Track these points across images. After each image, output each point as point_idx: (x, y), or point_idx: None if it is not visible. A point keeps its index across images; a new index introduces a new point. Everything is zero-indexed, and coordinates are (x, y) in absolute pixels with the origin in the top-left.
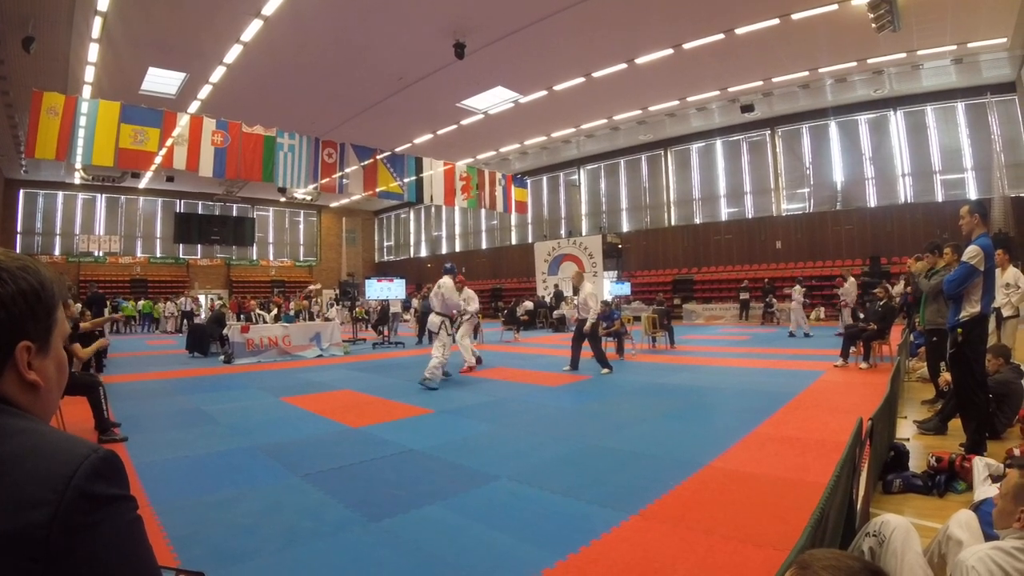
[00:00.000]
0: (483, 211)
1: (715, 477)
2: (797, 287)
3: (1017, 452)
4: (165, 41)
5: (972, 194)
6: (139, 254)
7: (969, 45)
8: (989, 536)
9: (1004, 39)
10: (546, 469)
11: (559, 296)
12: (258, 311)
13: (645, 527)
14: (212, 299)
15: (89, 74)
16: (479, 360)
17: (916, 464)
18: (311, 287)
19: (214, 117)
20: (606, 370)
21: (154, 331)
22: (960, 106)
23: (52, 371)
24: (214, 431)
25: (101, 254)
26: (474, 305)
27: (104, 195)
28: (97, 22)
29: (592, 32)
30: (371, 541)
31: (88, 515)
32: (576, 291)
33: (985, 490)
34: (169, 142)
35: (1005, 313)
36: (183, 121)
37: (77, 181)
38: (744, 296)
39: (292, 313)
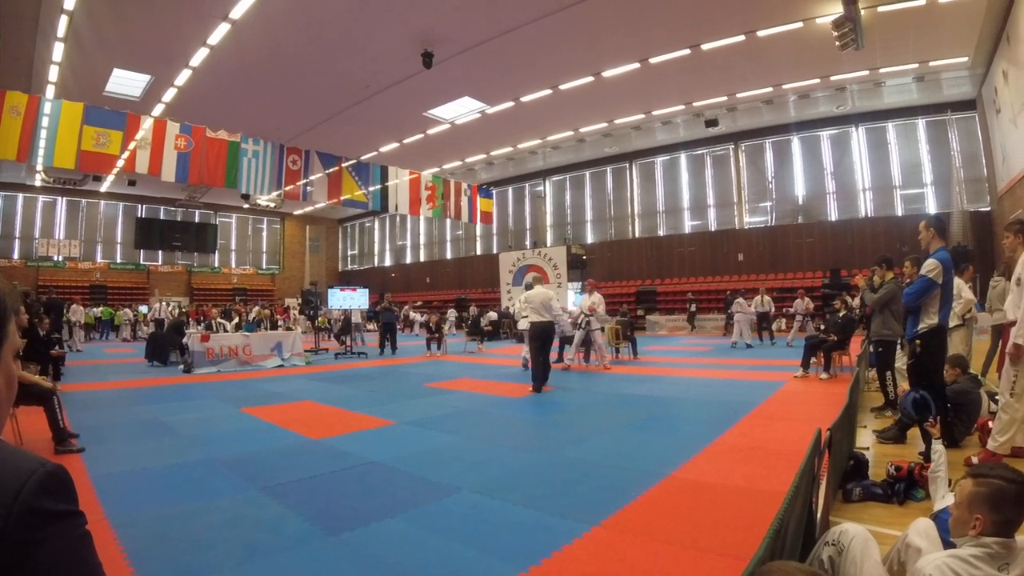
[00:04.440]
0: (448, 221)
1: (677, 487)
2: (742, 300)
3: (975, 460)
4: (131, 42)
5: (932, 208)
6: (99, 259)
7: (931, 63)
8: (947, 544)
9: (965, 58)
10: (508, 480)
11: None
12: (219, 319)
13: (607, 538)
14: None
15: (53, 74)
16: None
17: (876, 473)
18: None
19: (178, 121)
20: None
21: (113, 338)
22: (921, 123)
23: (1, 385)
24: (173, 442)
25: (61, 259)
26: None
27: (65, 198)
28: (63, 21)
29: (560, 45)
30: (331, 555)
31: (35, 531)
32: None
33: (944, 499)
34: (132, 145)
35: (950, 324)
36: (146, 124)
37: (38, 183)
38: (692, 308)
39: (253, 322)
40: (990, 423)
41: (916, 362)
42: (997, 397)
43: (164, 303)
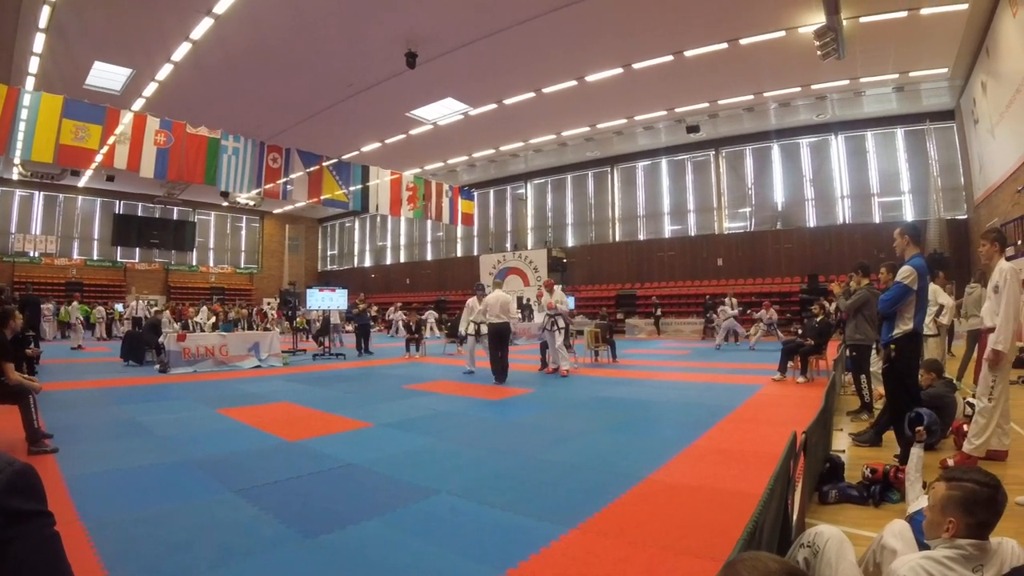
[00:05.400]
0: (429, 222)
1: (655, 490)
2: (727, 308)
3: (951, 463)
4: (113, 35)
5: (909, 216)
6: (75, 256)
7: (911, 74)
8: (922, 545)
9: (945, 69)
10: (486, 483)
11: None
12: (196, 319)
13: (585, 540)
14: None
15: (33, 65)
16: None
17: (851, 475)
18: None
19: (158, 116)
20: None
21: (88, 336)
22: (900, 132)
23: None
24: (148, 443)
25: (36, 255)
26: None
27: (42, 193)
28: (45, 12)
29: (544, 48)
30: (307, 558)
31: (3, 530)
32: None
33: (918, 501)
34: (111, 140)
35: (927, 332)
36: (126, 119)
37: (15, 177)
38: (657, 313)
39: (231, 321)
40: (965, 426)
41: (891, 367)
42: (970, 400)
43: (141, 301)
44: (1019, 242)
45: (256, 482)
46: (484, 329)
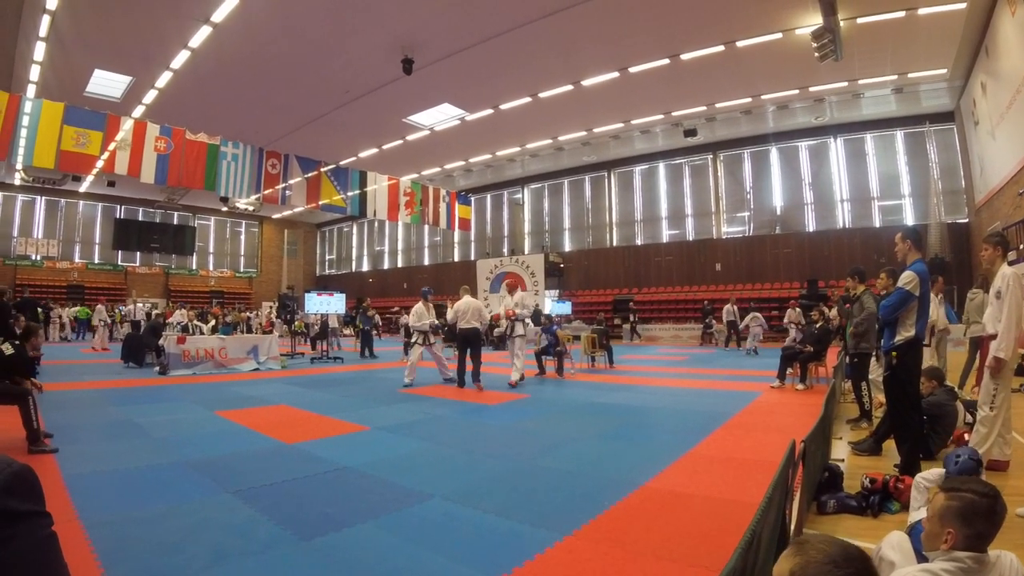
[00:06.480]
0: (426, 227)
1: (650, 497)
2: (758, 314)
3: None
4: (113, 43)
5: (909, 220)
6: (77, 259)
7: (909, 75)
8: (921, 557)
9: (944, 70)
10: (480, 488)
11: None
12: (195, 322)
13: (579, 547)
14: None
15: (34, 73)
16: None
17: (850, 485)
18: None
19: (158, 123)
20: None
21: (89, 338)
22: (899, 134)
23: None
24: (146, 444)
25: (38, 258)
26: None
27: (44, 197)
28: (45, 20)
29: (540, 53)
30: (301, 560)
31: (1, 530)
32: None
33: (919, 511)
34: (112, 146)
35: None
36: (127, 125)
37: (17, 182)
38: (633, 319)
39: (230, 324)
40: (966, 435)
41: (892, 375)
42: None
43: (138, 304)
44: (1021, 246)
45: (252, 484)
46: (432, 337)
